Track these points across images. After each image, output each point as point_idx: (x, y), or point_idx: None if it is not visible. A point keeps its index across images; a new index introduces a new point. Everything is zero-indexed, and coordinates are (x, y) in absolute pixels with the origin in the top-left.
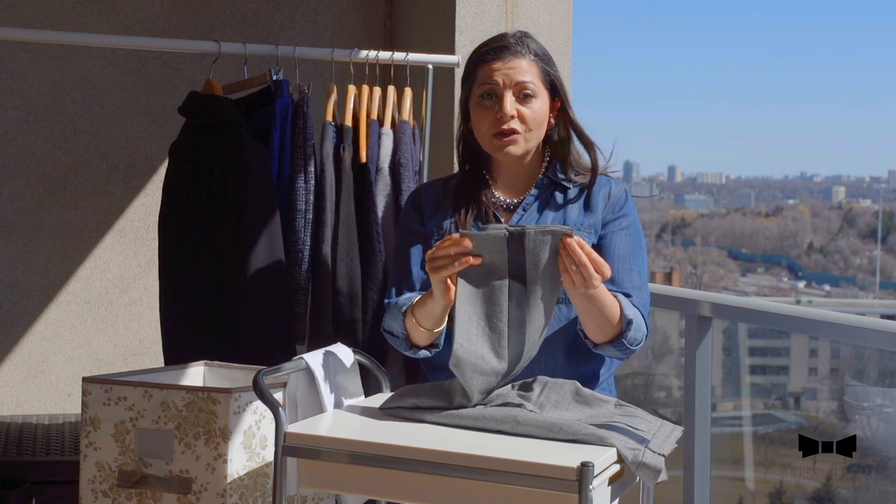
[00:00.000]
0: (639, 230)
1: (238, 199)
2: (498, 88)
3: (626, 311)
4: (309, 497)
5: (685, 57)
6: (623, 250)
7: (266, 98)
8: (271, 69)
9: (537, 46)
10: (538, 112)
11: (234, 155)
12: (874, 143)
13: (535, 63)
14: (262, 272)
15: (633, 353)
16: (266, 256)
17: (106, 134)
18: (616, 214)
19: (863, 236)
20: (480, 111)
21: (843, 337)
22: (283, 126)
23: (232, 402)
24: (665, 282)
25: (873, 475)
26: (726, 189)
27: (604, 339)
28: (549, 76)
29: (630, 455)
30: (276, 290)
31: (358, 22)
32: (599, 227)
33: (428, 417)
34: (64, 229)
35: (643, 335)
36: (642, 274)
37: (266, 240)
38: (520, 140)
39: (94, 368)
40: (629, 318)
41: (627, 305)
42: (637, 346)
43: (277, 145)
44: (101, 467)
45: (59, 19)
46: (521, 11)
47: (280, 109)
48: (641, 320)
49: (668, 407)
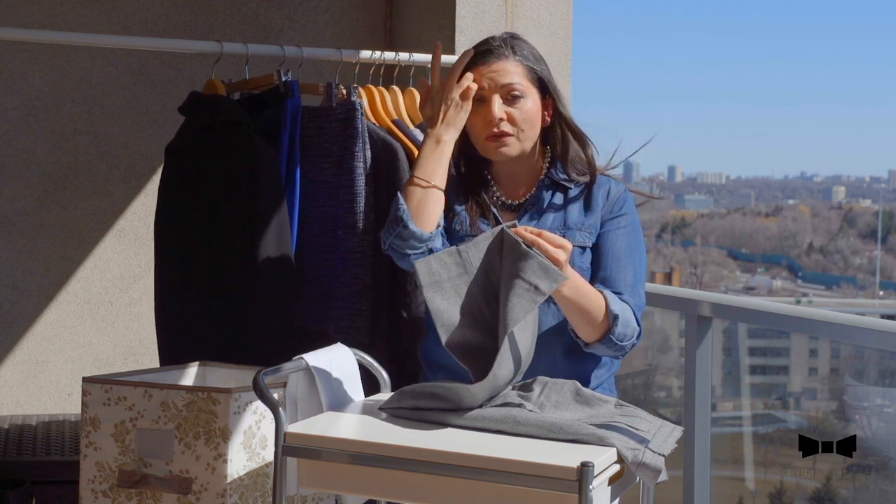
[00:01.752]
0: (637, 230)
1: (247, 199)
2: (485, 92)
3: (611, 307)
4: (309, 497)
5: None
6: (618, 248)
7: (273, 99)
8: (279, 70)
9: (522, 46)
10: (528, 112)
11: (245, 154)
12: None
13: (519, 63)
14: (272, 272)
15: (625, 351)
16: (276, 257)
17: (106, 134)
18: (614, 213)
19: (863, 236)
20: (471, 116)
21: (843, 337)
22: (293, 127)
23: (232, 402)
24: (665, 282)
25: (873, 475)
26: (726, 189)
27: (593, 338)
28: (537, 74)
29: (630, 455)
30: (285, 290)
31: (358, 22)
32: (598, 227)
33: (428, 417)
34: (64, 229)
35: (633, 332)
36: (638, 273)
37: (276, 240)
38: (512, 141)
39: (94, 368)
40: (615, 313)
41: (614, 301)
42: (627, 343)
43: (287, 146)
44: (101, 467)
45: (59, 19)
46: (521, 11)
47: (290, 110)
48: (631, 317)
49: (668, 407)
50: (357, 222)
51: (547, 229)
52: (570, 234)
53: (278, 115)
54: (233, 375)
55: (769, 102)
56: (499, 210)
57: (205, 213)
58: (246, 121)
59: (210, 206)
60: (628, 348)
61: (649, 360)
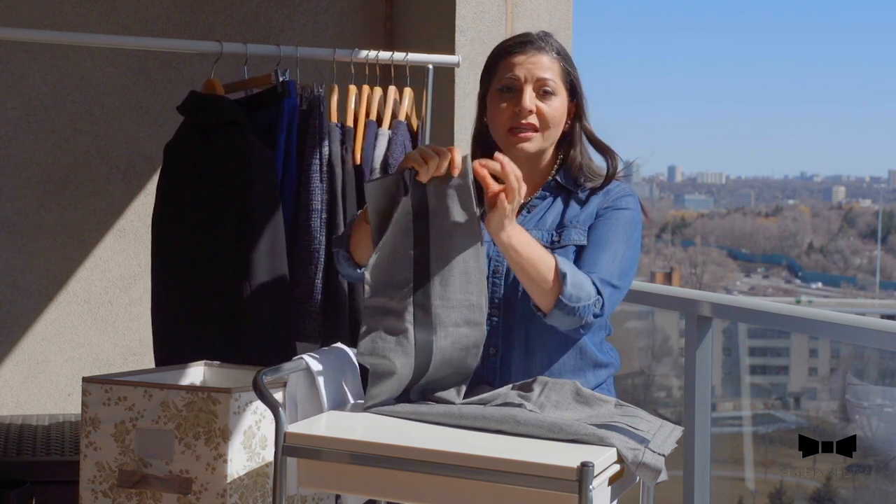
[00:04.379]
0: (628, 223)
1: (243, 199)
2: (518, 82)
3: (560, 267)
4: (309, 497)
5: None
6: (599, 234)
7: (271, 98)
8: (277, 70)
9: (560, 46)
10: (556, 111)
11: (241, 154)
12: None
13: (557, 61)
14: (265, 272)
15: (584, 319)
16: (269, 257)
17: (106, 134)
18: (608, 204)
19: (863, 236)
20: (498, 104)
21: (843, 337)
22: (290, 127)
23: (232, 402)
24: (665, 282)
25: (873, 475)
26: (726, 189)
27: (547, 303)
28: (570, 77)
29: (630, 455)
30: (278, 290)
31: (358, 22)
32: (593, 219)
33: (426, 415)
34: (64, 229)
35: (588, 296)
36: (617, 261)
37: (269, 241)
38: (535, 138)
39: (94, 368)
40: (563, 271)
41: (564, 262)
42: (582, 307)
43: (283, 146)
44: (101, 467)
45: (59, 19)
46: (521, 11)
47: (288, 110)
48: (584, 280)
49: (668, 407)
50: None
51: (546, 227)
52: (566, 232)
53: (275, 116)
54: (233, 375)
55: (769, 102)
56: None
57: (200, 212)
58: (243, 121)
59: (205, 205)
60: (586, 315)
61: (649, 360)
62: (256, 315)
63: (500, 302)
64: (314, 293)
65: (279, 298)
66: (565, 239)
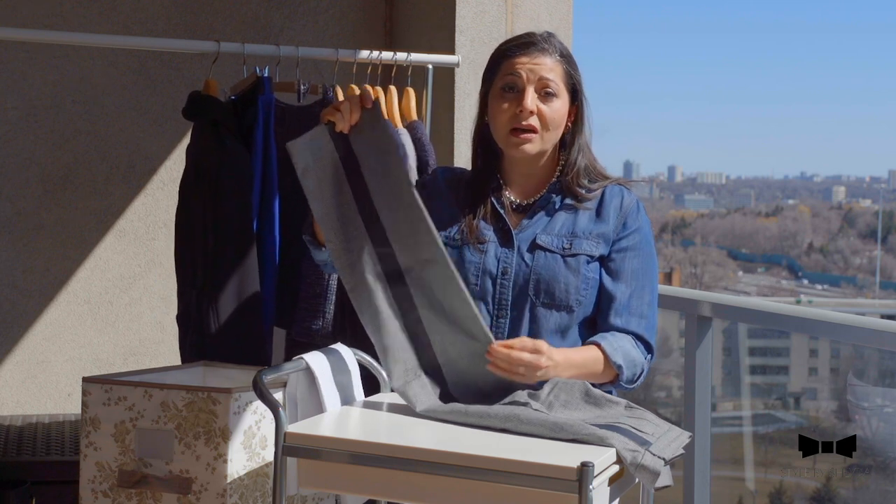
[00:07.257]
0: (648, 243)
1: (212, 199)
2: (520, 82)
3: (612, 359)
4: (309, 497)
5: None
6: (631, 271)
7: (253, 97)
8: (257, 67)
9: (563, 48)
10: (557, 112)
11: (212, 154)
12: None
13: (560, 63)
14: (232, 272)
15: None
16: (236, 258)
17: (106, 134)
18: (626, 230)
19: (863, 236)
20: (500, 103)
21: (843, 337)
22: (265, 123)
23: (232, 402)
24: (665, 282)
25: (873, 475)
26: (726, 189)
27: (603, 382)
28: (572, 79)
29: (629, 456)
30: (245, 289)
31: (358, 22)
32: (610, 237)
33: (434, 412)
34: (64, 229)
35: (641, 367)
36: (653, 292)
37: (237, 242)
38: (536, 139)
39: (94, 368)
40: (617, 363)
41: (612, 352)
42: (640, 379)
43: (261, 143)
44: (101, 467)
45: (59, 19)
46: (521, 11)
47: (262, 106)
48: (635, 354)
49: (668, 407)
50: None
51: (556, 233)
52: (577, 241)
53: (254, 113)
54: (233, 375)
55: (769, 102)
56: (507, 211)
57: (197, 211)
58: (223, 120)
59: (200, 204)
60: (642, 380)
61: None
62: (222, 314)
63: (508, 304)
64: (327, 293)
65: (246, 297)
66: (576, 248)
